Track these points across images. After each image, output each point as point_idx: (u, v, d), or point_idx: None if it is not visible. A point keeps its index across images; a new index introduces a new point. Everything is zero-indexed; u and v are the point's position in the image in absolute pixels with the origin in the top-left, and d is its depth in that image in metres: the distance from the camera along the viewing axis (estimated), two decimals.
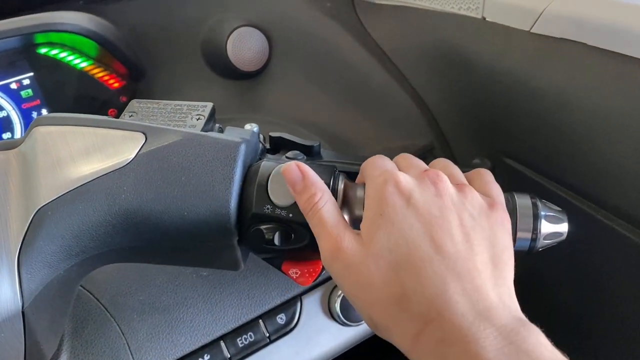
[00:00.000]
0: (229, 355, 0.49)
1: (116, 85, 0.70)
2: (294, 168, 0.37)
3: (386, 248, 0.34)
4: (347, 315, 0.52)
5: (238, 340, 0.50)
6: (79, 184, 0.35)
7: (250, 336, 0.50)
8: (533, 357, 0.28)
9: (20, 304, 0.33)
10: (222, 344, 0.49)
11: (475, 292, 0.31)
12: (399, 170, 0.37)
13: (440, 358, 0.30)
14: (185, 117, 0.42)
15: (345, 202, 0.38)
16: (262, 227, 0.37)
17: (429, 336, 0.31)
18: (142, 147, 0.36)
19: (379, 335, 0.35)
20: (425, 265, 0.32)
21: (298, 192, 0.37)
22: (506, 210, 0.37)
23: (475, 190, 0.37)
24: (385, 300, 0.33)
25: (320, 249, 0.36)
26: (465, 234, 0.34)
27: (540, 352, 0.28)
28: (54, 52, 0.65)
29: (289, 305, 0.52)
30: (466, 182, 0.38)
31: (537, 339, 0.29)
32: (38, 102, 0.65)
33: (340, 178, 0.39)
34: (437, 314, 0.31)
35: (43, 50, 0.64)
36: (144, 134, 0.37)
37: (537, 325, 0.31)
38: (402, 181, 0.35)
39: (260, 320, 0.51)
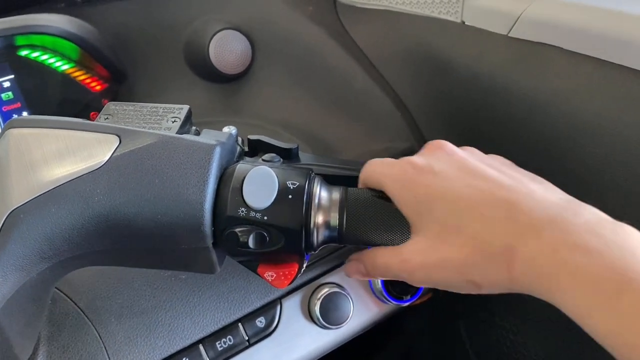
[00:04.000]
0: (207, 359, 0.49)
1: (98, 88, 0.70)
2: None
3: (441, 223, 0.34)
4: (327, 318, 0.52)
5: (217, 343, 0.50)
6: (52, 187, 0.35)
7: (230, 339, 0.50)
8: (625, 247, 0.27)
9: None
10: (201, 347, 0.49)
11: (539, 203, 0.31)
12: None
13: (537, 274, 0.30)
14: (161, 119, 0.42)
15: (320, 205, 0.38)
16: (237, 229, 0.36)
17: (518, 261, 0.30)
18: (115, 149, 0.36)
19: (481, 293, 0.34)
20: (481, 206, 0.33)
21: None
22: None
23: None
24: (470, 260, 0.33)
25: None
26: (495, 169, 0.35)
27: (632, 243, 0.27)
28: (35, 54, 0.65)
29: (269, 308, 0.52)
30: None
31: (626, 230, 0.28)
32: (19, 104, 0.65)
33: (316, 181, 0.39)
34: (517, 236, 0.31)
35: (24, 53, 0.64)
36: (118, 136, 0.37)
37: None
38: (417, 160, 0.37)
39: (240, 324, 0.51)
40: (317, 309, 0.52)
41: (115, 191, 0.35)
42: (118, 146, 0.36)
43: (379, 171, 0.39)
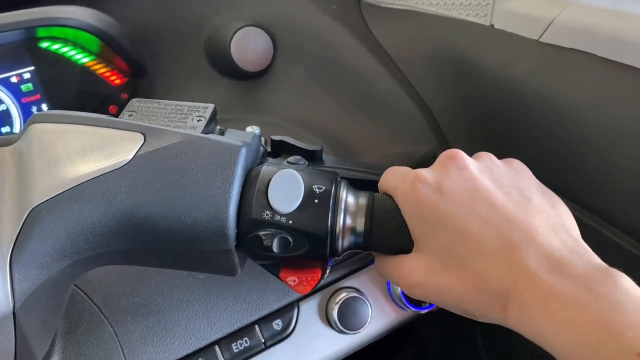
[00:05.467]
0: None
1: (118, 81, 0.69)
2: None
3: (444, 248, 0.35)
4: (345, 323, 0.52)
5: (233, 345, 0.49)
6: (75, 184, 0.34)
7: (246, 341, 0.50)
8: (613, 301, 0.28)
9: (11, 304, 0.33)
10: (217, 348, 0.49)
11: (538, 249, 0.32)
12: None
13: (529, 320, 0.31)
14: (185, 118, 0.41)
15: (347, 210, 0.38)
16: (261, 233, 0.36)
17: (513, 305, 0.31)
18: (140, 148, 0.36)
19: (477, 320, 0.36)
20: (484, 243, 0.33)
21: None
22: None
23: None
24: (468, 294, 0.34)
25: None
26: (504, 192, 0.35)
27: (620, 297, 0.28)
28: (55, 46, 0.64)
29: (286, 311, 0.52)
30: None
31: (617, 282, 0.29)
32: (38, 96, 0.65)
33: (342, 185, 0.39)
34: (513, 281, 0.31)
35: (45, 45, 0.64)
36: (142, 134, 0.36)
37: None
38: (427, 175, 0.36)
39: (256, 326, 0.50)
40: (334, 313, 0.52)
41: (139, 190, 0.35)
42: (143, 144, 0.36)
43: (393, 182, 0.39)
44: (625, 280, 0.29)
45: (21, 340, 0.35)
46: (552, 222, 0.34)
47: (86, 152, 0.36)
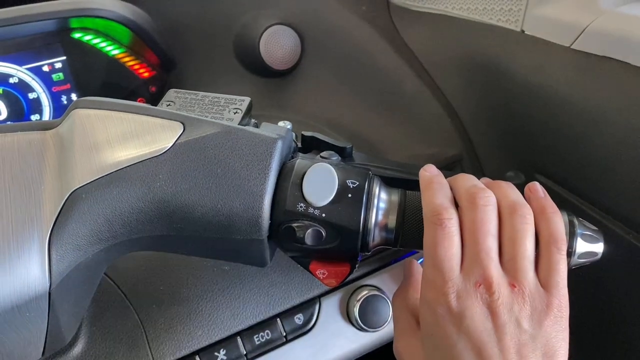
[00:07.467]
0: (244, 352, 0.49)
1: (146, 74, 0.70)
2: None
3: None
4: (365, 320, 0.52)
5: (255, 337, 0.50)
6: (115, 169, 0.35)
7: (267, 334, 0.50)
8: None
9: (47, 284, 0.33)
10: (239, 339, 0.49)
11: None
12: (457, 205, 0.37)
13: None
14: (222, 110, 0.42)
15: (380, 206, 0.38)
16: (294, 224, 0.36)
17: None
18: (179, 136, 0.36)
19: None
20: None
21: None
22: (564, 295, 0.35)
23: (537, 269, 0.36)
24: None
25: None
26: (517, 353, 0.33)
27: None
28: (87, 37, 0.65)
29: (308, 305, 0.52)
30: (523, 268, 0.35)
31: None
32: (68, 86, 0.66)
33: (375, 181, 0.39)
34: None
35: (77, 35, 0.65)
36: (182, 123, 0.37)
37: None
38: (453, 304, 0.34)
39: (278, 319, 0.51)
40: (356, 310, 0.52)
41: (177, 178, 0.35)
42: (182, 133, 0.37)
43: (426, 255, 0.37)
44: None
45: (53, 321, 0.36)
46: None
47: (127, 138, 0.36)
